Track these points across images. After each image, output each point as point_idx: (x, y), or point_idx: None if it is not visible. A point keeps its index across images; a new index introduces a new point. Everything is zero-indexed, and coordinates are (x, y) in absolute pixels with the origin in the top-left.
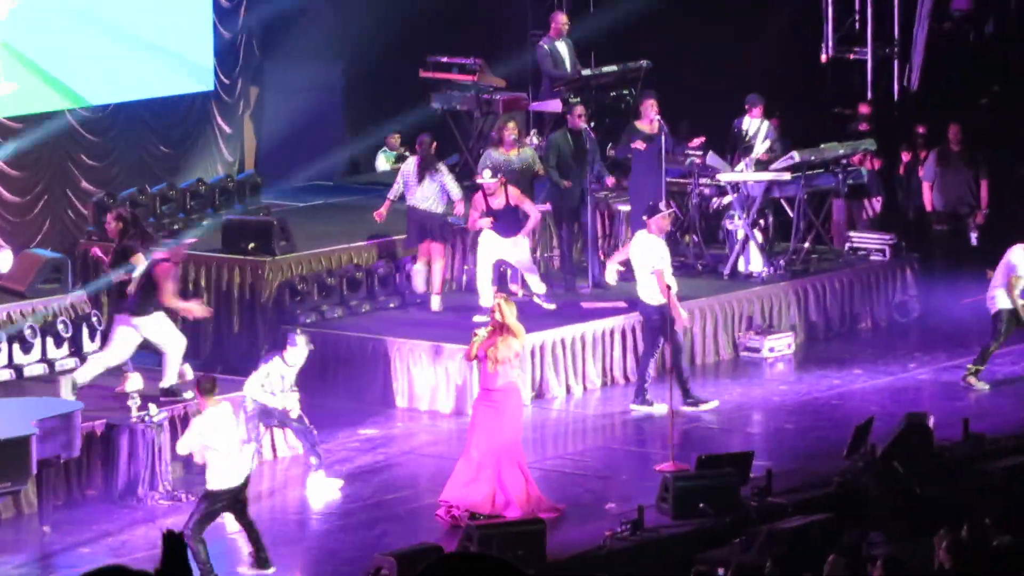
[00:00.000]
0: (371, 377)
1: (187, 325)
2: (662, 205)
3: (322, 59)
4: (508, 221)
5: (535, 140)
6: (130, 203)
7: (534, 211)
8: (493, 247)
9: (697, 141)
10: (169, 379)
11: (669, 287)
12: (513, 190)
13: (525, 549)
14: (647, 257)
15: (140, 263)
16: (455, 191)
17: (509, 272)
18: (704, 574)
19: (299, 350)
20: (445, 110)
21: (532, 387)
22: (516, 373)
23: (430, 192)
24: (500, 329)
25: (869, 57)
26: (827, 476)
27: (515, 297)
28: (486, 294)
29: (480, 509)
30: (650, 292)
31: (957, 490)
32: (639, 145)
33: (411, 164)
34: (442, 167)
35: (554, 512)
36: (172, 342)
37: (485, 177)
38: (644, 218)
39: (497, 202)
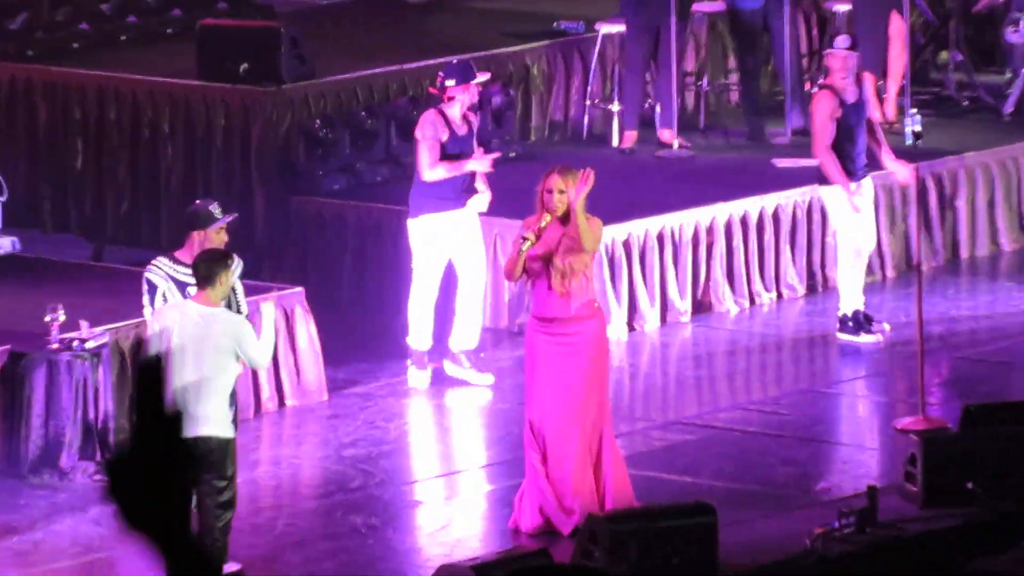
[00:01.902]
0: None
1: (148, 195)
2: None
3: None
4: None
5: None
6: None
7: None
8: None
9: None
10: None
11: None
12: None
13: (685, 554)
14: None
15: None
16: None
17: None
18: None
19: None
20: None
21: (689, 293)
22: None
23: None
24: (564, 220)
25: None
26: None
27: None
28: None
29: (526, 526)
30: None
31: None
32: None
33: None
34: None
35: None
36: None
37: None
38: None
39: None
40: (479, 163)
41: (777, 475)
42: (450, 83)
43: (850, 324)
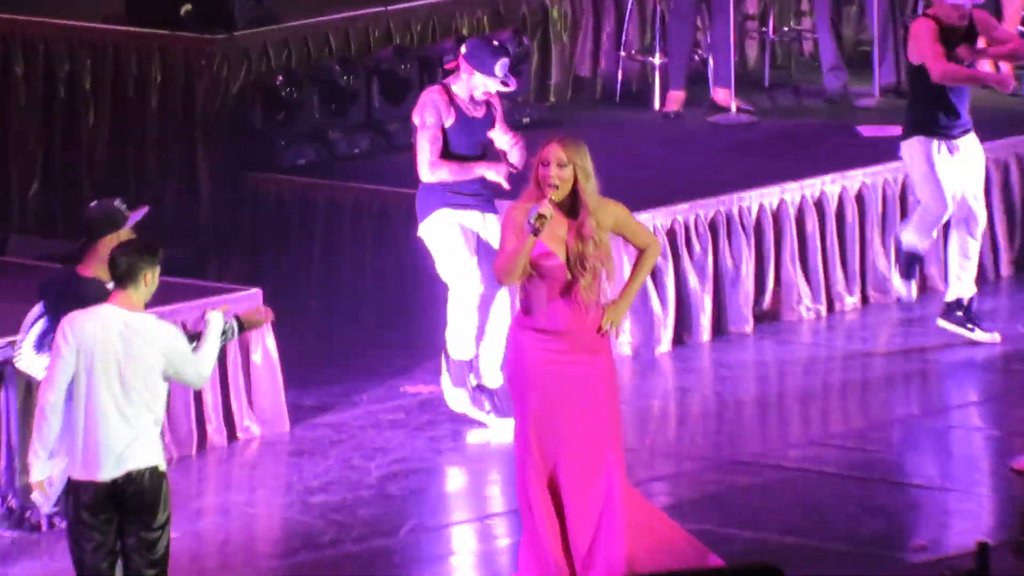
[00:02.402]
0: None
1: (64, 173)
2: None
3: None
4: None
5: None
6: None
7: None
8: None
9: None
10: None
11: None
12: None
13: None
14: None
15: None
16: None
17: None
18: None
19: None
20: None
21: (751, 296)
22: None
23: None
24: (570, 210)
25: None
26: None
27: None
28: None
29: None
30: None
31: None
32: None
33: None
34: None
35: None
36: None
37: None
38: None
39: None
40: (491, 170)
41: (862, 529)
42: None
43: (958, 314)
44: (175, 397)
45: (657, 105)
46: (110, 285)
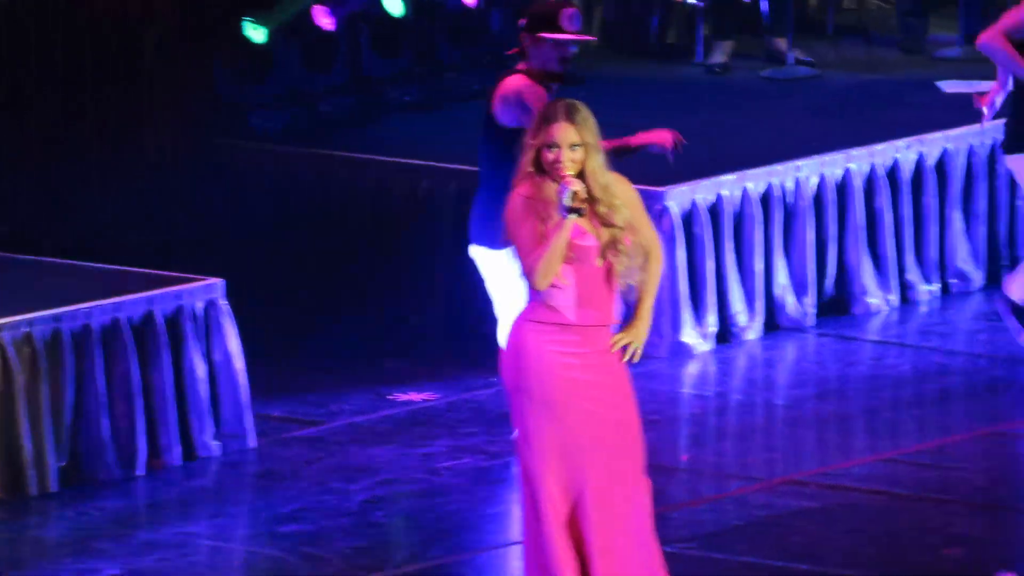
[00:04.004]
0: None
1: None
2: None
3: None
4: None
5: None
6: None
7: None
8: None
9: None
10: None
11: None
12: None
13: None
14: None
15: None
16: None
17: None
18: None
19: None
20: None
21: (811, 284)
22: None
23: None
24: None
25: None
26: None
27: None
28: None
29: None
30: None
31: None
32: None
33: None
34: None
35: None
36: None
37: None
38: None
39: None
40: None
41: (939, 560)
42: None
43: None
44: (119, 408)
45: (701, 56)
46: None
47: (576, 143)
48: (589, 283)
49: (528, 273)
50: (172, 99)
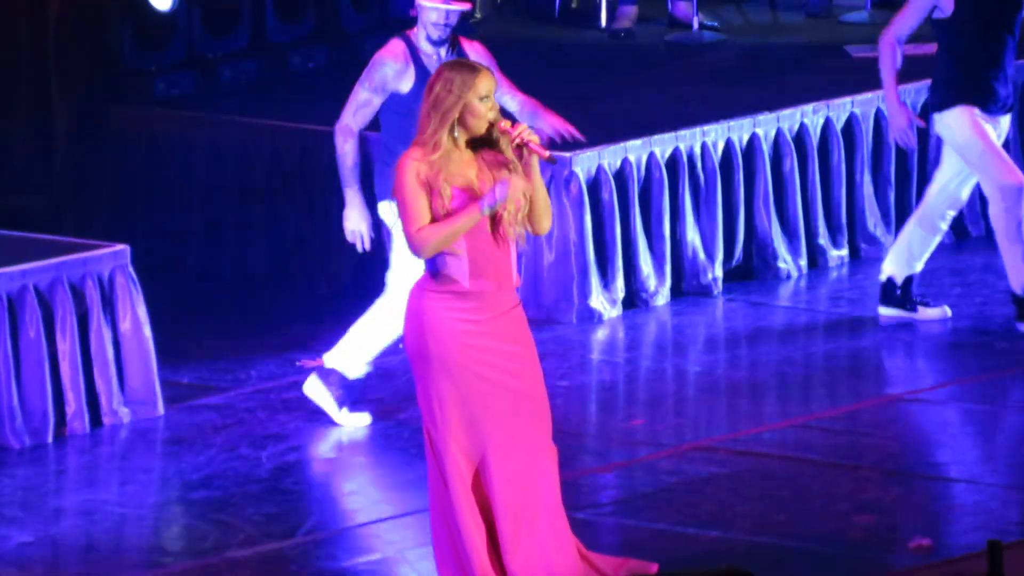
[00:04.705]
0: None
1: None
2: None
3: None
4: None
5: None
6: None
7: None
8: None
9: None
10: None
11: None
12: None
13: None
14: None
15: None
16: None
17: None
18: None
19: None
20: None
21: (719, 248)
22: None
23: None
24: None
25: None
26: None
27: None
28: None
29: None
30: None
31: None
32: None
33: None
34: None
35: None
36: None
37: None
38: None
39: None
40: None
41: (850, 526)
42: None
43: (898, 293)
44: (26, 376)
45: (604, 21)
46: None
47: (493, 93)
48: (485, 249)
49: (418, 242)
50: (74, 65)
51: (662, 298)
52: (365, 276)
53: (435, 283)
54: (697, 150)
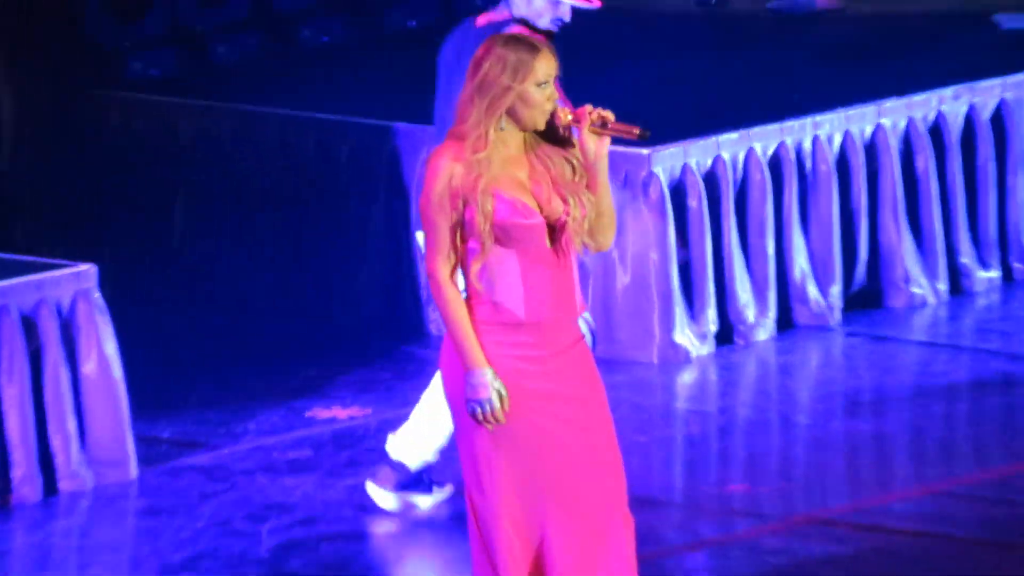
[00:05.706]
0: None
1: None
2: None
3: None
4: None
5: None
6: None
7: None
8: None
9: None
10: None
11: None
12: None
13: None
14: None
15: None
16: None
17: None
18: None
19: None
20: None
21: (837, 270)
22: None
23: None
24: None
25: None
26: None
27: None
28: None
29: None
30: None
31: None
32: None
33: None
34: None
35: None
36: None
37: None
38: None
39: None
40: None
41: None
42: None
43: None
44: None
45: None
46: None
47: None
48: (541, 268)
49: (429, 282)
50: (25, 40)
51: (764, 332)
52: (394, 305)
53: (480, 312)
54: (807, 146)
